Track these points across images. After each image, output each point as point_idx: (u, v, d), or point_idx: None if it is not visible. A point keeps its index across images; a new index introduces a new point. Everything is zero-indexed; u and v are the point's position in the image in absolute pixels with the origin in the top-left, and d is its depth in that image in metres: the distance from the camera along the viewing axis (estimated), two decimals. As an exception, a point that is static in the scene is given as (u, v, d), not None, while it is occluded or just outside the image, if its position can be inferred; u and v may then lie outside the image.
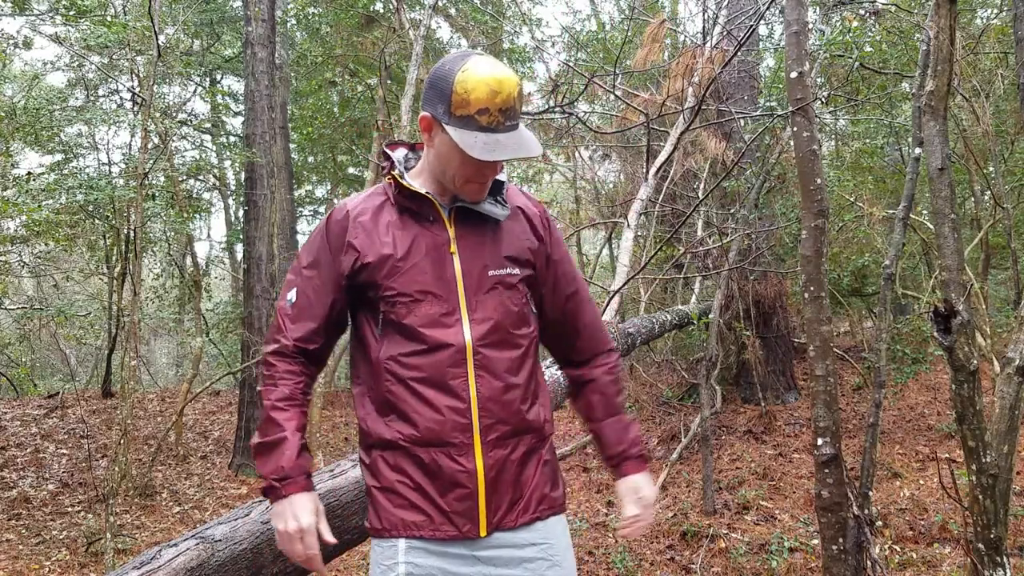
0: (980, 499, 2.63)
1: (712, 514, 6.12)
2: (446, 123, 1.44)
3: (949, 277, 2.74)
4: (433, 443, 1.47)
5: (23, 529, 6.82)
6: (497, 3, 12.67)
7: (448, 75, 1.44)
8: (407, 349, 1.49)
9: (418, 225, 1.54)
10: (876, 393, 4.12)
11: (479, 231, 1.56)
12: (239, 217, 14.90)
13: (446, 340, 1.48)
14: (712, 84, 4.66)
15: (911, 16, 6.36)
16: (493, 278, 1.54)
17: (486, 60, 1.45)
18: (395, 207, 1.56)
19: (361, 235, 1.53)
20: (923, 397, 8.50)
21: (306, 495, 1.48)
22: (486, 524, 1.48)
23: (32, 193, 8.04)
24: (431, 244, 1.53)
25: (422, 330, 1.48)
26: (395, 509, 1.49)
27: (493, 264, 1.55)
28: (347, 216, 1.56)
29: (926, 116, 2.82)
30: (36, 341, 14.20)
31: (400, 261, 1.51)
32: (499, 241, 1.57)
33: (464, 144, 1.41)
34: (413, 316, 1.49)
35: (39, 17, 9.96)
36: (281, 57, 12.36)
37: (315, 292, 1.56)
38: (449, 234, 1.54)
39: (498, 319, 1.52)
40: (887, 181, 9.24)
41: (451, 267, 1.52)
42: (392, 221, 1.55)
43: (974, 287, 6.56)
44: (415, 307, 1.49)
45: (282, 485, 1.47)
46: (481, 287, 1.53)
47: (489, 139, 1.42)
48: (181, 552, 1.67)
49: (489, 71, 1.43)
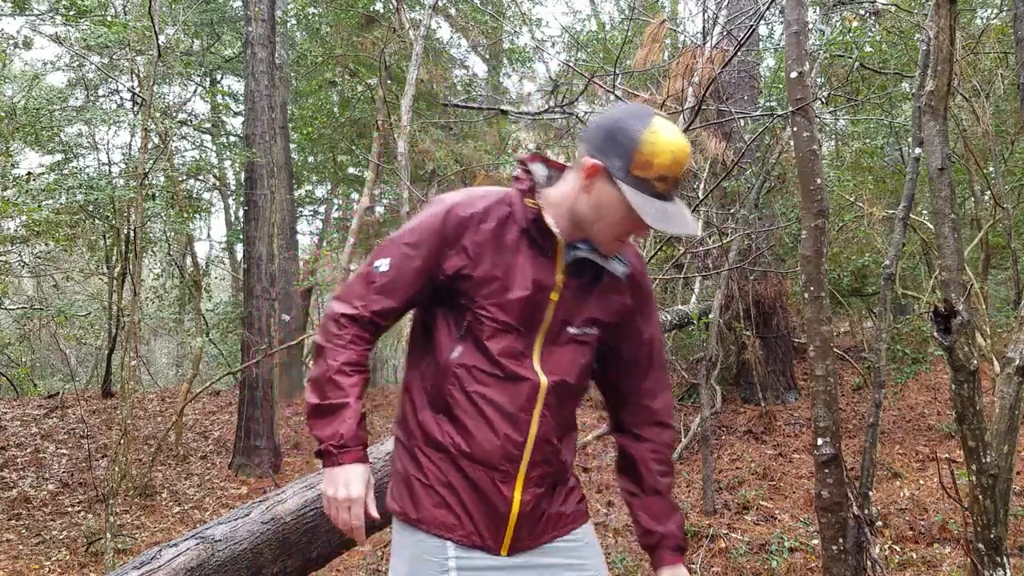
0: (980, 499, 2.63)
1: (712, 514, 6.12)
2: (620, 179, 1.39)
3: (949, 277, 2.74)
4: (481, 462, 1.49)
5: (23, 529, 6.82)
6: (497, 3, 12.68)
7: (633, 131, 1.38)
8: (484, 367, 1.49)
9: (534, 257, 1.50)
10: (876, 393, 4.12)
11: (582, 285, 1.54)
12: (239, 217, 14.91)
13: (525, 375, 1.49)
14: (712, 84, 4.66)
15: (911, 16, 6.36)
16: (571, 335, 1.54)
17: (669, 123, 1.41)
18: (519, 227, 1.50)
19: (477, 243, 1.48)
20: (923, 397, 8.50)
21: (361, 466, 1.49)
22: (508, 547, 1.51)
23: (32, 193, 8.04)
24: (538, 284, 1.49)
25: (500, 358, 1.48)
26: (433, 508, 1.50)
27: (577, 322, 1.54)
28: (471, 217, 1.49)
29: (926, 116, 2.82)
30: (36, 341, 14.20)
31: (503, 287, 1.48)
32: (592, 299, 1.56)
33: (637, 206, 1.37)
34: (495, 342, 1.48)
35: (39, 17, 9.96)
36: (281, 57, 12.36)
37: (409, 273, 1.51)
38: (556, 280, 1.51)
39: (565, 373, 1.53)
40: (887, 181, 9.24)
41: (544, 312, 1.51)
42: (511, 242, 1.49)
43: (974, 287, 6.56)
44: (499, 336, 1.48)
45: (339, 452, 1.47)
46: (559, 339, 1.52)
47: (660, 207, 1.39)
48: (181, 552, 1.67)
49: (675, 137, 1.39)
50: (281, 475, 9.02)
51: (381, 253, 1.53)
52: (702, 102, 4.05)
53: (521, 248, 1.49)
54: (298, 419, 11.58)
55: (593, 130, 1.45)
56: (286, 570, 1.83)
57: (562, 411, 1.54)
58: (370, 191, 10.36)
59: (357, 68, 11.56)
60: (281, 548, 1.84)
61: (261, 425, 9.19)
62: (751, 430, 8.29)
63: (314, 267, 13.17)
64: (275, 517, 1.85)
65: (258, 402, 9.26)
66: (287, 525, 1.86)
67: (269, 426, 9.29)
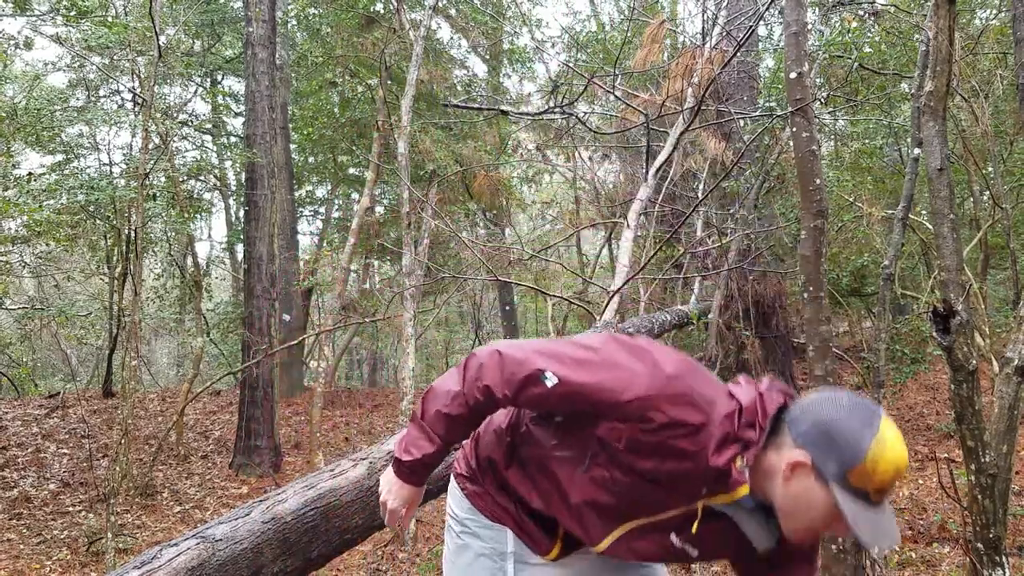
0: (979, 499, 2.64)
1: (712, 514, 6.12)
2: (835, 483, 1.22)
3: (948, 277, 2.75)
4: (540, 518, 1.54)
5: (24, 529, 6.83)
6: (497, 3, 12.69)
7: (858, 438, 1.21)
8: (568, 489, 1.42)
9: (685, 491, 1.32)
10: (875, 393, 4.13)
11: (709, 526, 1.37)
12: (239, 217, 14.92)
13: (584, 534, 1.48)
14: (711, 84, 4.67)
15: (910, 16, 6.37)
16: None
17: (893, 430, 1.25)
18: (697, 470, 1.28)
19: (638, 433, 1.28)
20: (922, 397, 8.51)
21: (419, 490, 1.58)
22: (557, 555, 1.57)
23: (33, 193, 8.06)
24: (674, 507, 1.34)
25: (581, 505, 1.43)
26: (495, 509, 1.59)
27: (682, 536, 1.38)
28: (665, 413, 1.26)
29: (925, 116, 2.83)
30: (37, 341, 14.22)
31: (643, 486, 1.32)
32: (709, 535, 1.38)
33: (851, 519, 1.20)
34: (591, 488, 1.38)
35: (40, 18, 9.97)
36: (282, 58, 12.37)
37: (561, 402, 1.36)
38: (693, 523, 1.34)
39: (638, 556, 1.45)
40: (886, 181, 9.25)
41: (657, 540, 1.39)
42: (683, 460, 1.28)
43: (973, 287, 6.56)
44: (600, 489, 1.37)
45: (410, 472, 1.55)
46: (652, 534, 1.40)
47: (872, 518, 1.22)
48: (182, 552, 1.68)
49: (901, 450, 1.24)
50: (281, 474, 9.03)
51: (553, 362, 1.34)
52: (702, 102, 4.05)
53: (682, 474, 1.29)
54: (298, 419, 11.59)
55: (809, 419, 1.25)
56: (286, 570, 1.84)
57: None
58: (370, 191, 10.37)
59: (357, 68, 11.57)
60: (281, 548, 1.84)
61: (261, 425, 9.20)
62: (751, 430, 8.29)
63: (314, 267, 13.18)
64: (275, 517, 1.85)
65: (258, 402, 9.27)
66: (287, 525, 1.86)
67: (269, 426, 9.30)
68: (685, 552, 1.39)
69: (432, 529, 7.06)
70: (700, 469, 1.26)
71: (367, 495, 2.02)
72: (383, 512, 1.60)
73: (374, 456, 2.14)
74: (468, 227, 13.23)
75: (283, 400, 11.40)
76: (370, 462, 2.11)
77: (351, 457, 2.16)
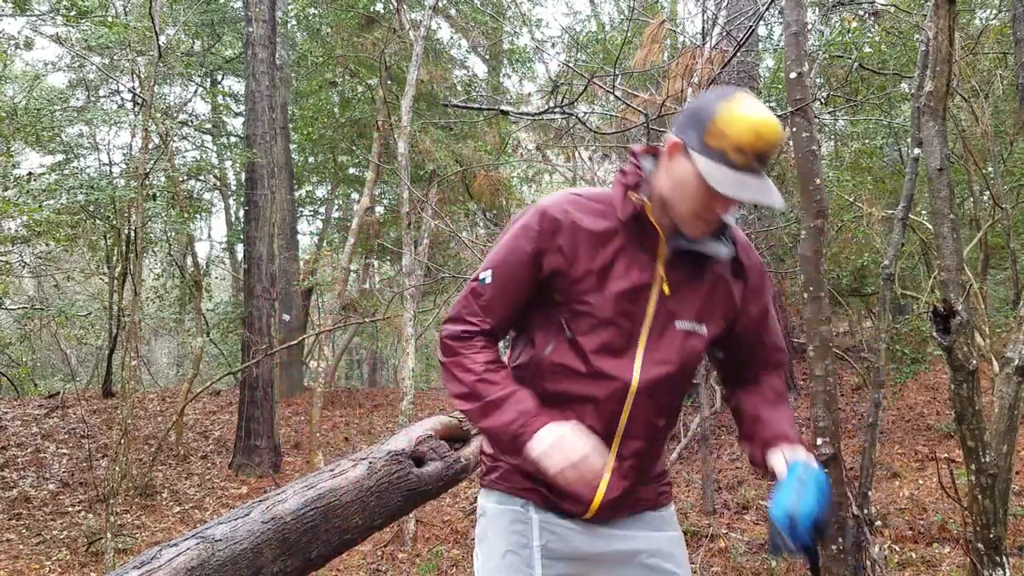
0: (979, 499, 2.64)
1: (712, 514, 6.12)
2: (695, 150, 1.36)
3: (948, 277, 2.74)
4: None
5: (24, 529, 6.83)
6: (497, 3, 12.69)
7: (710, 105, 1.37)
8: (574, 366, 1.48)
9: (633, 253, 1.48)
10: (875, 393, 4.13)
11: (688, 279, 1.51)
12: (239, 217, 14.91)
13: (614, 373, 1.47)
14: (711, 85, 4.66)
15: (910, 16, 6.36)
16: (679, 329, 1.51)
17: (753, 100, 1.38)
18: (617, 223, 1.49)
19: (573, 243, 1.47)
20: (922, 397, 8.51)
21: (557, 423, 1.42)
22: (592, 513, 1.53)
23: (33, 193, 8.06)
24: (637, 279, 1.48)
25: (592, 355, 1.47)
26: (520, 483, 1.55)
27: (685, 316, 1.51)
28: (565, 217, 1.48)
29: (925, 116, 2.83)
30: (37, 341, 14.22)
31: (600, 284, 1.46)
32: (700, 296, 1.53)
33: (708, 175, 1.34)
34: (591, 338, 1.47)
35: (40, 18, 9.97)
36: (282, 58, 12.37)
37: (513, 281, 1.50)
38: (657, 273, 1.49)
39: (670, 366, 1.50)
40: (886, 181, 9.25)
41: (646, 307, 1.48)
42: (609, 239, 1.48)
43: (973, 287, 6.56)
44: (597, 331, 1.47)
45: (532, 421, 1.41)
46: (664, 334, 1.50)
47: (735, 178, 1.34)
48: (181, 552, 1.68)
49: (756, 111, 1.35)
50: (281, 475, 9.02)
51: (484, 265, 1.53)
52: (701, 103, 4.04)
53: (619, 244, 1.48)
54: (298, 419, 11.59)
55: (681, 112, 1.46)
56: (286, 570, 1.84)
57: (658, 404, 1.52)
58: (370, 191, 10.37)
59: (357, 68, 11.57)
60: (281, 548, 1.84)
61: (261, 425, 9.19)
62: (751, 430, 8.29)
63: (314, 267, 13.17)
64: (275, 517, 1.85)
65: (258, 402, 9.27)
66: (287, 525, 1.86)
67: (269, 426, 9.30)
68: (696, 332, 1.51)
69: (432, 529, 7.06)
70: (620, 226, 1.47)
71: (367, 495, 2.02)
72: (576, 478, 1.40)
73: (374, 456, 2.14)
74: (468, 227, 13.22)
75: (283, 400, 11.40)
76: (370, 462, 2.11)
77: (351, 457, 2.16)
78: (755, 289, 1.60)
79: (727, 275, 1.56)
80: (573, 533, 1.54)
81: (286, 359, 12.29)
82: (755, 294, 1.60)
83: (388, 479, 2.10)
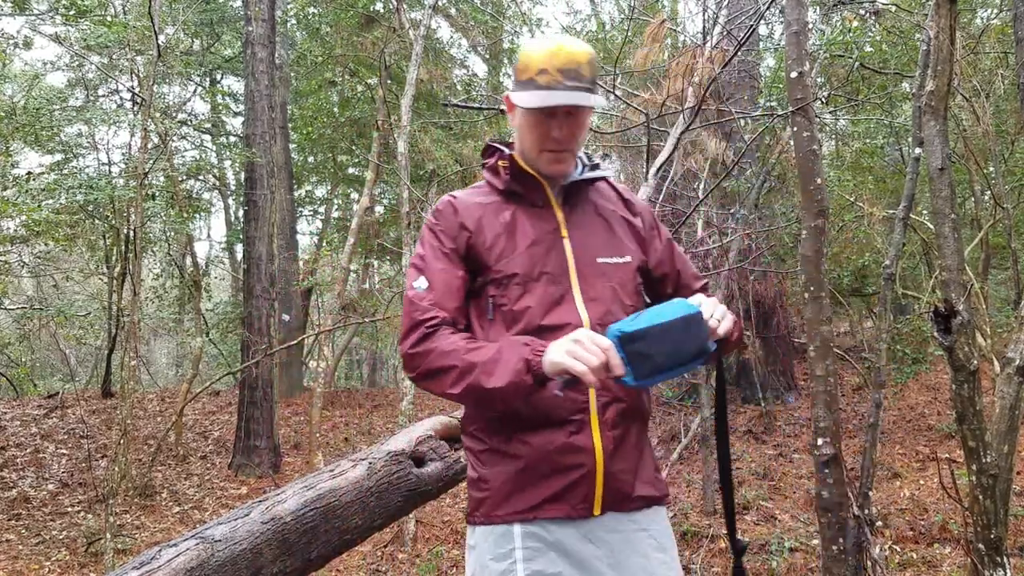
0: (980, 499, 2.63)
1: (712, 514, 6.11)
2: (514, 93, 1.50)
3: (949, 277, 2.74)
4: (548, 424, 1.44)
5: (23, 529, 6.82)
6: (497, 3, 12.68)
7: (519, 53, 1.53)
8: (517, 330, 1.46)
9: (528, 209, 1.56)
10: (876, 393, 4.12)
11: (585, 215, 1.59)
12: (239, 217, 14.91)
13: (564, 320, 1.45)
14: (712, 84, 4.65)
15: (911, 16, 6.36)
16: (602, 264, 1.54)
17: (556, 35, 1.52)
18: (503, 194, 1.58)
19: (475, 218, 1.54)
20: (923, 397, 8.50)
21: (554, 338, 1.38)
22: (600, 503, 1.45)
23: (32, 193, 8.04)
24: (542, 228, 1.53)
25: (537, 311, 1.47)
26: (502, 500, 1.46)
27: (603, 251, 1.56)
28: (460, 202, 1.57)
29: (926, 116, 2.82)
30: (36, 341, 14.21)
31: (513, 244, 1.51)
32: (605, 229, 1.59)
33: (521, 101, 1.46)
34: (525, 299, 1.47)
35: (39, 17, 9.96)
36: (281, 57, 12.36)
37: (446, 274, 1.51)
38: (559, 218, 1.56)
39: (609, 305, 1.50)
40: (887, 181, 9.24)
41: (563, 253, 1.52)
42: (503, 207, 1.56)
43: (974, 287, 6.55)
44: (528, 290, 1.48)
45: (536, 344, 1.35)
46: (592, 271, 1.52)
47: (543, 94, 1.45)
48: (181, 552, 1.67)
49: (552, 39, 1.48)
50: (281, 475, 9.02)
51: (411, 277, 1.53)
52: (702, 102, 4.04)
53: (513, 206, 1.56)
54: (298, 419, 11.58)
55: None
56: (286, 570, 1.83)
57: None
58: (370, 191, 10.36)
59: (357, 68, 11.56)
60: (281, 548, 1.83)
61: (261, 425, 9.18)
62: (751, 430, 8.29)
63: (314, 267, 13.16)
64: (275, 517, 1.85)
65: (258, 402, 9.26)
66: (287, 525, 1.85)
67: (269, 426, 9.29)
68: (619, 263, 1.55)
69: (432, 529, 7.05)
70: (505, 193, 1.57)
71: (367, 495, 2.01)
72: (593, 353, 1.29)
73: (374, 456, 2.13)
74: (468, 227, 13.17)
75: (282, 400, 11.39)
76: (370, 462, 2.10)
77: (350, 458, 2.16)
78: (652, 225, 1.68)
79: (623, 212, 1.65)
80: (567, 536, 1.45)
81: (286, 359, 12.28)
82: (654, 229, 1.68)
83: (388, 479, 2.09)
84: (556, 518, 1.44)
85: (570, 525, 1.45)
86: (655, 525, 1.54)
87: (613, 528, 1.48)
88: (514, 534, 1.44)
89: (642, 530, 1.51)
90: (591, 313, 1.48)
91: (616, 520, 1.49)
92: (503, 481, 1.47)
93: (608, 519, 1.48)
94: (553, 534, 1.44)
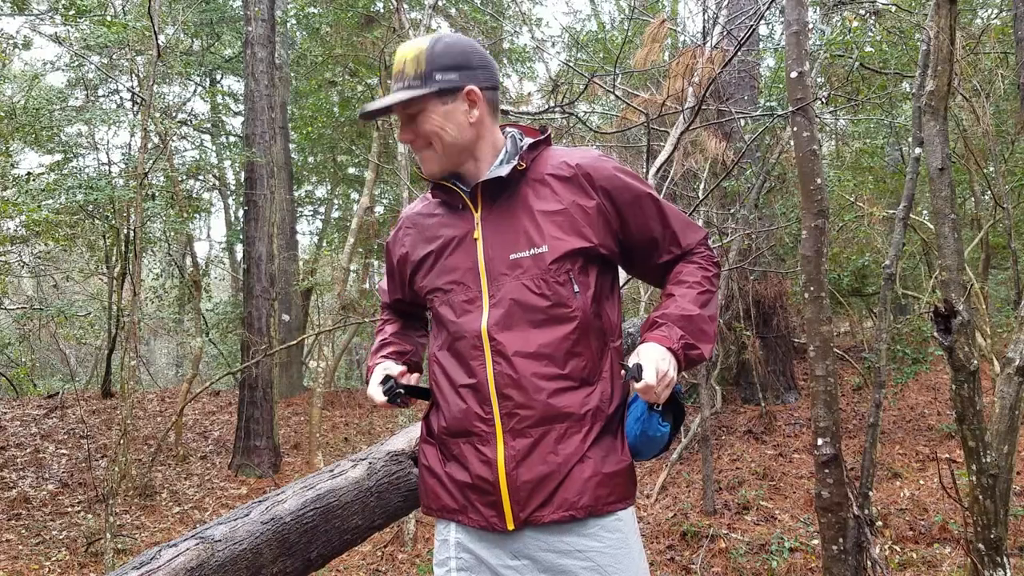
0: (980, 499, 2.63)
1: (712, 514, 6.12)
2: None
3: (949, 277, 2.74)
4: (460, 434, 1.47)
5: (23, 529, 6.82)
6: (497, 3, 12.68)
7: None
8: (441, 341, 1.54)
9: (451, 216, 1.57)
10: (876, 393, 4.12)
11: (506, 211, 1.50)
12: (239, 217, 14.90)
13: (465, 327, 1.47)
14: (712, 84, 4.65)
15: (911, 16, 6.36)
16: (515, 260, 1.46)
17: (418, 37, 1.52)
18: (429, 201, 1.64)
19: (409, 236, 1.64)
20: (923, 397, 8.50)
21: (378, 367, 1.64)
22: (512, 518, 1.40)
23: (32, 193, 8.05)
24: (460, 234, 1.54)
25: (450, 320, 1.50)
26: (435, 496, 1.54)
27: (519, 245, 1.46)
28: (406, 219, 1.67)
29: (926, 116, 2.82)
30: (36, 341, 14.19)
31: (437, 256, 1.55)
32: (529, 218, 1.48)
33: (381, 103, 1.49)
34: (445, 308, 1.52)
35: (39, 17, 9.96)
36: (281, 57, 12.36)
37: (393, 277, 1.74)
38: (475, 219, 1.52)
39: (512, 304, 1.44)
40: (887, 181, 9.24)
41: (474, 254, 1.50)
42: (437, 218, 1.60)
43: (974, 287, 6.56)
44: (447, 298, 1.52)
45: (371, 357, 1.71)
46: (501, 270, 1.47)
47: (369, 104, 1.50)
48: (181, 552, 1.67)
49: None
50: (281, 475, 9.02)
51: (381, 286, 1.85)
52: (702, 102, 4.04)
53: (444, 217, 1.59)
54: (297, 419, 11.58)
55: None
56: (286, 570, 1.83)
57: (523, 347, 1.42)
58: (370, 191, 10.36)
59: (357, 68, 11.56)
60: (281, 548, 1.83)
61: (261, 425, 9.18)
62: (751, 430, 8.29)
63: (314, 267, 13.17)
64: (275, 517, 1.85)
65: (258, 402, 9.26)
66: (287, 525, 1.85)
67: (269, 426, 9.29)
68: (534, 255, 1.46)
69: (432, 530, 7.05)
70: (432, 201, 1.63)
71: (367, 495, 2.01)
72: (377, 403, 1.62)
73: (373, 456, 2.13)
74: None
75: (282, 400, 11.39)
76: (369, 463, 2.10)
77: (351, 458, 2.16)
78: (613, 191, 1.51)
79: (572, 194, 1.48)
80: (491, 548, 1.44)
81: (286, 359, 12.28)
82: (620, 193, 1.51)
83: (388, 479, 2.09)
84: (480, 527, 1.45)
85: (496, 543, 1.44)
86: (595, 543, 1.41)
87: (550, 547, 1.41)
88: (450, 543, 1.51)
89: (575, 551, 1.40)
90: (491, 317, 1.45)
91: (539, 538, 1.41)
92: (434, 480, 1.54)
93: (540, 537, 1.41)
94: (482, 549, 1.46)
